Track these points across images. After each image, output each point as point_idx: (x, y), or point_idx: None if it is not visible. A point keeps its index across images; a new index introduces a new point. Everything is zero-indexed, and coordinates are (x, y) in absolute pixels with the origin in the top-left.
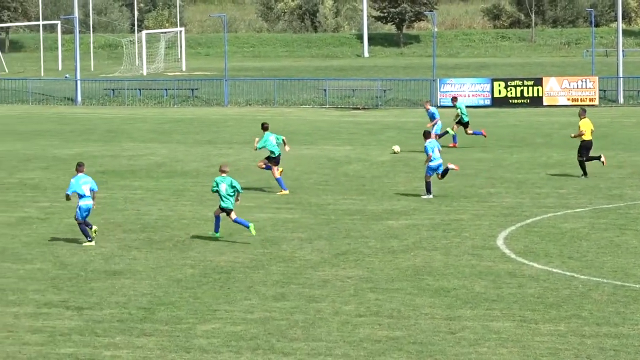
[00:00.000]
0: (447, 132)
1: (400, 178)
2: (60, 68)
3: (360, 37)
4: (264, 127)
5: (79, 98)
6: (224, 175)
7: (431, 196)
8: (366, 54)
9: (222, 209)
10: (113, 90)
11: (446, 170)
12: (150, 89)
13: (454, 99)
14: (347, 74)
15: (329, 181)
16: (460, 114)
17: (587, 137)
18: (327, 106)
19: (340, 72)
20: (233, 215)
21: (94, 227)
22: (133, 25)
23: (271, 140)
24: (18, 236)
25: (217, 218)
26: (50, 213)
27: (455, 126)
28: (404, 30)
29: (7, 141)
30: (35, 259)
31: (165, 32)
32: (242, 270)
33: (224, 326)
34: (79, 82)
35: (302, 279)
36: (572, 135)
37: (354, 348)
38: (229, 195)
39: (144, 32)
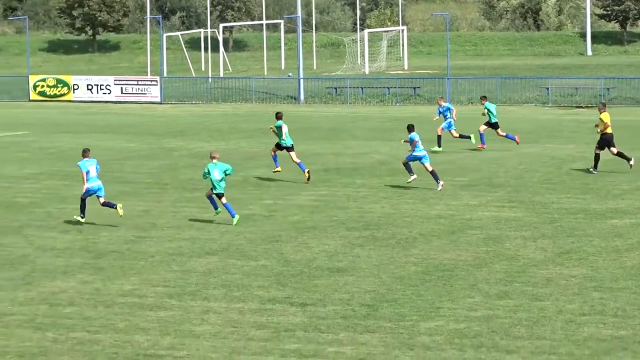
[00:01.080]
0: (469, 137)
1: (624, 177)
2: (283, 67)
3: (583, 35)
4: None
5: (302, 96)
6: (214, 161)
7: (415, 176)
8: (589, 52)
9: (215, 194)
10: (335, 88)
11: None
12: (372, 88)
13: (483, 97)
14: (569, 72)
15: (552, 179)
16: (487, 114)
17: (609, 130)
18: (550, 105)
19: (563, 70)
20: (224, 199)
21: (120, 205)
22: (355, 24)
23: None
24: (243, 233)
25: (211, 198)
26: (273, 210)
27: (482, 127)
28: (628, 28)
29: (231, 139)
30: (259, 255)
31: (387, 31)
32: (464, 268)
33: (447, 324)
34: (301, 80)
35: (525, 277)
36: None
37: (578, 347)
38: (220, 181)
39: (366, 31)
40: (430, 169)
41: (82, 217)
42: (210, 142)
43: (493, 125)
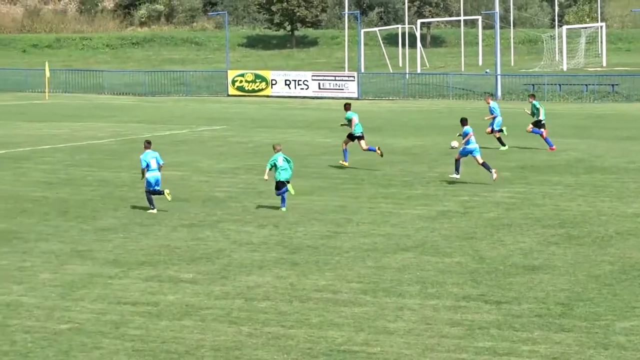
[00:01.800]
0: (501, 130)
1: None
2: (480, 63)
3: None
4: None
5: (499, 93)
6: (279, 152)
7: (458, 176)
8: None
9: (281, 182)
10: (532, 85)
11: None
12: (569, 85)
13: (532, 96)
14: None
15: None
16: (533, 113)
17: None
18: None
19: None
20: (290, 187)
21: (167, 190)
22: (553, 20)
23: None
24: (438, 229)
25: (281, 193)
26: (469, 207)
27: (530, 126)
28: None
29: (428, 135)
30: (454, 252)
31: (585, 28)
32: None
33: None
34: (499, 77)
35: None
36: None
37: None
38: (284, 168)
39: (565, 27)
40: (480, 161)
41: (153, 209)
42: (407, 139)
43: (541, 125)
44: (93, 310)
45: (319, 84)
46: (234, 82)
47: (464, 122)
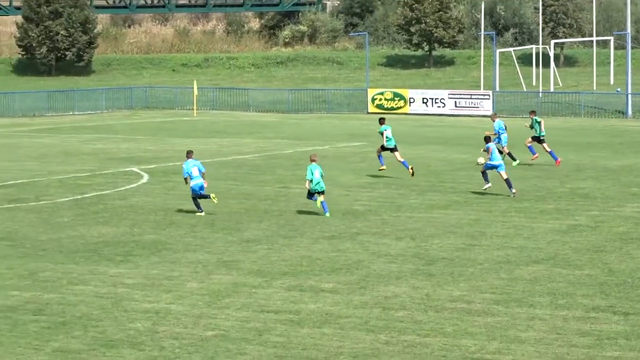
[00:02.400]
0: (515, 159)
1: None
2: (612, 82)
3: None
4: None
5: (630, 111)
6: (314, 163)
7: (489, 184)
8: None
9: (315, 192)
10: None
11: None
12: None
13: (532, 112)
14: None
15: None
16: (532, 127)
17: None
18: None
19: None
20: (322, 197)
21: (212, 194)
22: None
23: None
24: (568, 243)
25: (310, 196)
26: (600, 221)
27: (529, 139)
28: None
29: (560, 152)
30: (584, 265)
31: None
32: None
33: None
34: (629, 95)
35: None
36: None
37: None
38: (317, 182)
39: None
40: (505, 177)
41: (201, 212)
42: (540, 155)
43: (540, 140)
44: (238, 318)
45: (455, 102)
46: (373, 100)
47: (487, 139)
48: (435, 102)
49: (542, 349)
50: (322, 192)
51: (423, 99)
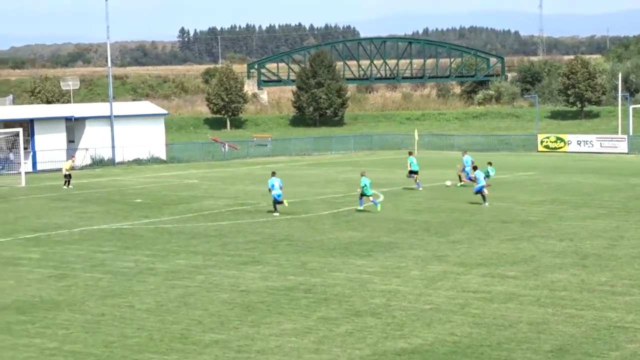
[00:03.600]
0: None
1: None
2: None
3: None
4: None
5: None
6: (365, 176)
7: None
8: None
9: (364, 195)
10: None
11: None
12: None
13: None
14: None
15: None
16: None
17: None
18: None
19: None
20: (372, 198)
21: (285, 201)
22: None
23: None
24: None
25: (361, 200)
26: None
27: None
28: None
29: None
30: None
31: None
32: None
33: None
34: None
35: None
36: None
37: None
38: (366, 188)
39: None
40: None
41: (276, 213)
42: None
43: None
44: (446, 296)
45: (600, 143)
46: (541, 142)
47: (475, 168)
48: (586, 144)
49: None
50: (369, 195)
51: (577, 141)
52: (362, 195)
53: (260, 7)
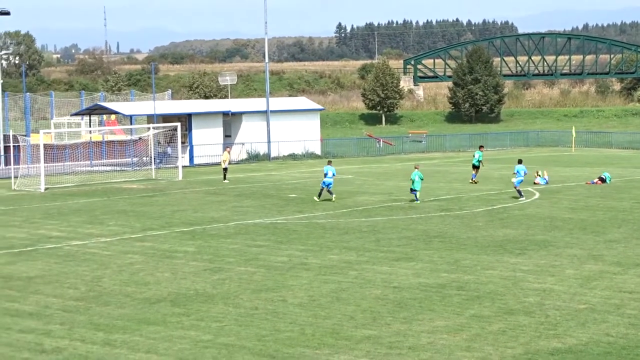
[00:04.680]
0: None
1: None
2: None
3: None
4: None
5: None
6: (417, 170)
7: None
8: None
9: (414, 189)
10: None
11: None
12: None
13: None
14: None
15: None
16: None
17: None
18: None
19: None
20: (417, 194)
21: (334, 196)
22: None
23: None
24: None
25: (414, 193)
26: None
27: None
28: None
29: None
30: None
31: None
32: None
33: None
34: None
35: None
36: None
37: None
38: (416, 182)
39: None
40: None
41: (318, 199)
42: None
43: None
44: (602, 296)
45: None
46: None
47: (519, 161)
48: None
49: None
50: (417, 190)
51: None
52: (412, 190)
53: (418, 2)
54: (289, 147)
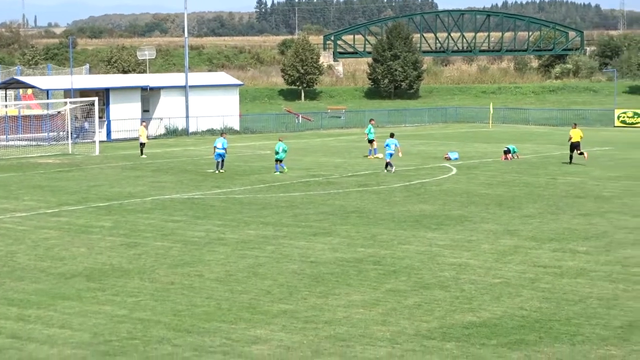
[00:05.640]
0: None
1: None
2: None
3: None
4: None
5: None
6: (281, 141)
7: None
8: None
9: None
10: None
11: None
12: None
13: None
14: None
15: None
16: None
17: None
18: None
19: None
20: (281, 163)
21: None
22: None
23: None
24: None
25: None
26: None
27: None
28: None
29: None
30: None
31: None
32: None
33: None
34: None
35: None
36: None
37: None
38: (281, 153)
39: None
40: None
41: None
42: None
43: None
44: (516, 271)
45: None
46: (618, 117)
47: (391, 135)
48: None
49: None
50: (280, 160)
51: None
52: (277, 160)
53: None
54: (208, 123)
